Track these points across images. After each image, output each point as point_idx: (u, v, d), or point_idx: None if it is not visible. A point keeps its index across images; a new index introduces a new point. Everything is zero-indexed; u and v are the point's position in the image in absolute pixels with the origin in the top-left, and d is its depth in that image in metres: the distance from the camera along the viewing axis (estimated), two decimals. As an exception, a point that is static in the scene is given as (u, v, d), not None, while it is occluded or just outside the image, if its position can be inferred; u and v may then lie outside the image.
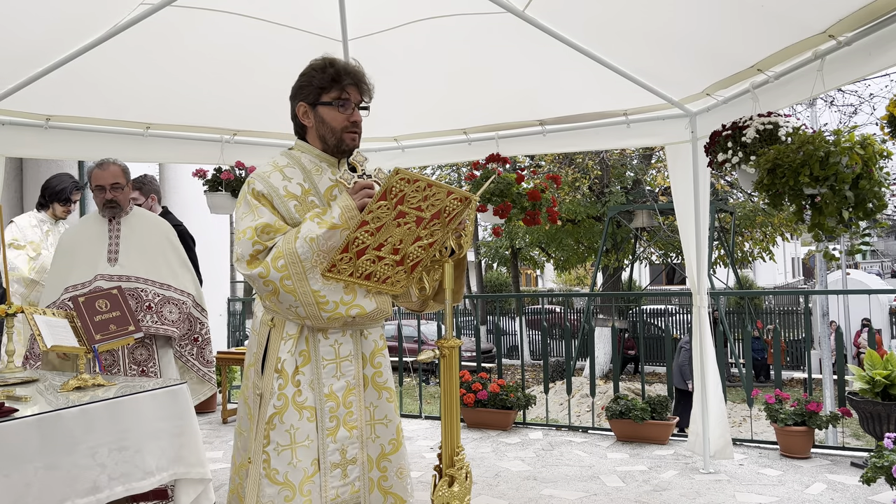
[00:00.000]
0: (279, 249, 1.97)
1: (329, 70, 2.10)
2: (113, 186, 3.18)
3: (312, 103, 2.13)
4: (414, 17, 3.58)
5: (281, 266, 1.95)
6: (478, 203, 2.54)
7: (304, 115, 2.15)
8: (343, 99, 2.11)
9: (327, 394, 2.09)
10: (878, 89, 36.97)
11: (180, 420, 3.01)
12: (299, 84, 2.16)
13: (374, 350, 2.21)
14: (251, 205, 2.04)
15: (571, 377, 6.56)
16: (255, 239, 1.98)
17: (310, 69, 2.14)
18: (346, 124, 2.13)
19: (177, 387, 3.07)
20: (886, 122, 2.55)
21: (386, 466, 2.19)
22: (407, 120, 4.65)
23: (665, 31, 3.35)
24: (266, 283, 1.96)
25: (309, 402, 2.07)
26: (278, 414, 2.03)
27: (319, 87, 2.10)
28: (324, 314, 2.00)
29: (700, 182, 4.08)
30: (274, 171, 2.10)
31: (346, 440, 2.12)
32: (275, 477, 2.01)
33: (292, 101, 2.19)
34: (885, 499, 3.62)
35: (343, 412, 2.12)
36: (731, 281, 16.52)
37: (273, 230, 2.00)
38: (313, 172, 2.14)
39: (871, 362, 4.12)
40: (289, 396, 2.04)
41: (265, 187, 2.06)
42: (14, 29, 3.16)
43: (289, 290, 1.96)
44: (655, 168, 15.61)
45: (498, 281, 28.05)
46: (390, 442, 2.20)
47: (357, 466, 2.14)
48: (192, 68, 3.86)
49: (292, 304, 1.98)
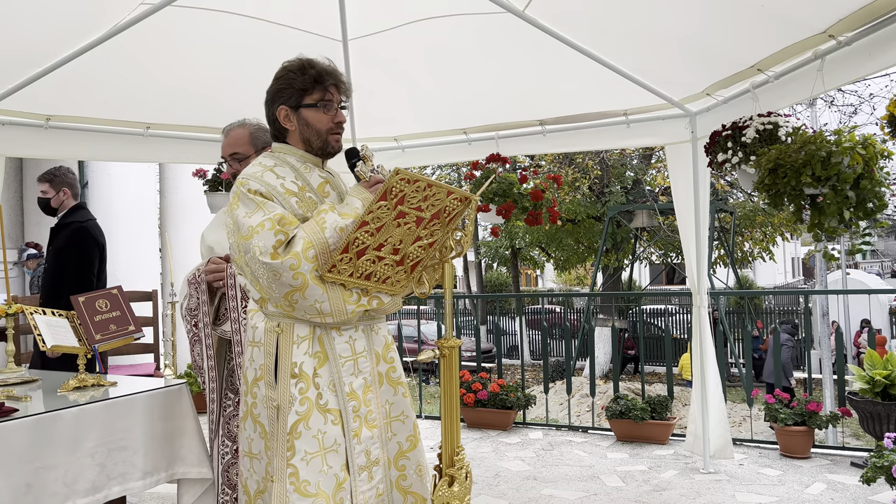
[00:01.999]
0: (308, 240, 1.87)
1: (310, 71, 2.04)
2: (232, 157, 2.65)
3: (294, 106, 2.06)
4: (414, 17, 3.57)
5: (312, 256, 1.86)
6: (478, 203, 2.54)
7: (286, 118, 2.08)
8: (326, 100, 2.06)
9: (349, 393, 2.00)
10: (878, 89, 36.96)
11: (180, 420, 3.01)
12: (277, 87, 2.08)
13: (386, 345, 2.15)
14: (255, 202, 1.94)
15: (571, 377, 6.56)
16: (276, 228, 1.88)
17: (286, 72, 2.07)
18: (332, 125, 2.08)
19: (177, 387, 3.07)
20: (886, 122, 2.55)
21: (404, 465, 2.11)
22: (407, 120, 4.65)
23: (665, 31, 3.35)
24: (296, 276, 1.86)
25: (331, 404, 1.97)
26: (303, 420, 1.92)
27: (301, 88, 2.04)
28: (348, 307, 1.93)
29: (700, 182, 4.08)
30: (265, 171, 2.02)
31: (368, 440, 2.03)
32: (307, 489, 1.88)
33: (270, 105, 2.11)
34: (885, 499, 3.62)
35: (364, 411, 2.03)
36: (731, 281, 16.52)
37: (288, 222, 1.91)
38: (303, 170, 2.08)
39: (871, 362, 4.12)
40: (312, 400, 1.94)
41: (262, 186, 1.97)
42: (14, 29, 3.15)
43: (318, 283, 1.88)
44: (655, 168, 15.60)
45: (498, 281, 28.06)
46: (408, 439, 2.13)
47: (380, 468, 2.06)
48: (192, 68, 3.86)
49: (318, 297, 1.89)
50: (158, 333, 5.67)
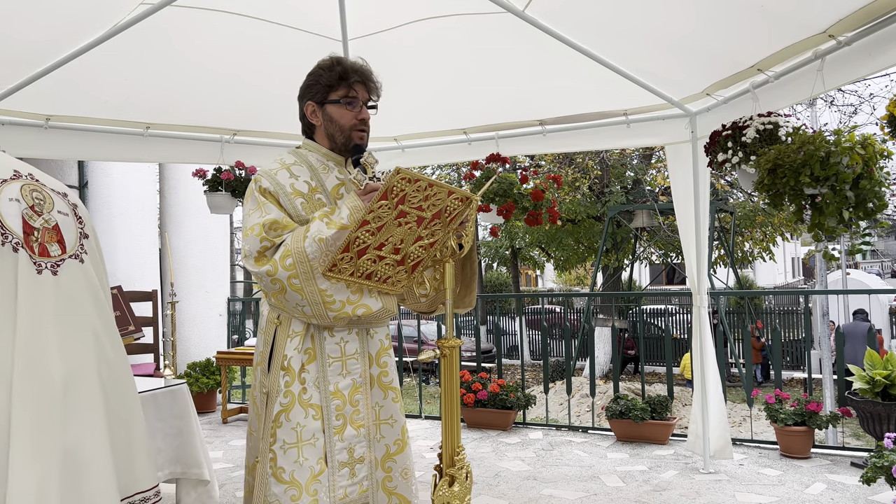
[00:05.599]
0: (287, 248, 1.95)
1: (336, 68, 2.11)
2: None
3: (320, 102, 2.13)
4: (414, 17, 3.57)
5: (289, 265, 1.93)
6: (479, 203, 2.54)
7: (313, 114, 2.15)
8: (351, 97, 2.11)
9: (333, 392, 2.08)
10: (878, 89, 36.97)
11: (178, 420, 3.01)
12: (307, 83, 2.16)
13: (380, 350, 2.20)
14: (258, 201, 2.02)
15: (571, 377, 6.56)
16: (262, 235, 1.97)
17: (317, 68, 2.15)
18: (355, 122, 2.13)
19: (177, 387, 3.07)
20: (886, 122, 2.55)
21: (391, 467, 2.17)
22: (407, 120, 4.65)
23: (665, 31, 3.35)
24: (273, 282, 1.95)
25: (314, 399, 2.05)
26: (285, 411, 2.01)
27: (327, 85, 2.11)
28: (330, 313, 1.99)
29: (700, 182, 4.08)
30: (281, 169, 2.09)
31: (353, 438, 2.10)
32: (281, 476, 2.00)
33: (300, 101, 2.19)
34: (885, 499, 3.62)
35: (350, 410, 2.10)
36: (731, 281, 16.52)
37: (281, 227, 1.99)
38: (320, 171, 2.14)
39: (871, 362, 4.12)
40: (295, 394, 2.03)
41: (272, 184, 2.05)
42: (14, 29, 3.15)
43: (296, 289, 1.95)
44: (655, 168, 15.60)
45: (498, 281, 28.07)
46: (395, 442, 2.19)
47: (365, 465, 2.13)
48: (192, 68, 3.86)
49: (299, 302, 1.97)
50: (158, 333, 5.68)
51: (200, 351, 7.25)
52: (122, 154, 4.46)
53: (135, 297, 5.32)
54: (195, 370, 6.41)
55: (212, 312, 7.59)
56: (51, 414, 1.38)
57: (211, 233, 7.59)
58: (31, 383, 1.37)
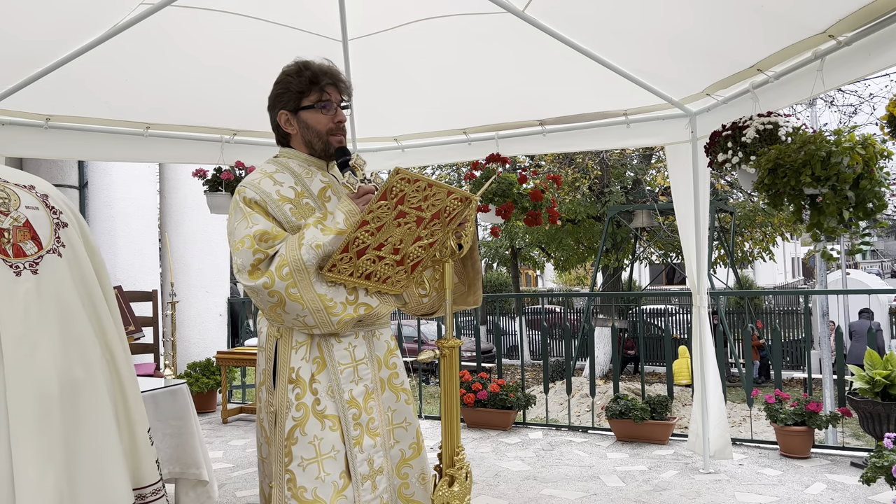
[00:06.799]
0: (283, 257, 1.86)
1: (306, 73, 2.04)
2: None
3: (294, 109, 2.06)
4: (414, 17, 3.57)
5: (286, 274, 1.85)
6: (478, 203, 2.54)
7: (287, 122, 2.08)
8: (324, 100, 2.05)
9: (349, 400, 1.97)
10: (878, 89, 36.96)
11: (177, 420, 3.01)
12: (276, 92, 2.09)
13: (388, 351, 2.13)
14: (244, 212, 1.93)
15: (571, 377, 6.56)
16: (255, 247, 1.87)
17: (284, 75, 2.08)
18: (332, 126, 2.06)
19: (176, 387, 3.07)
20: (886, 122, 2.55)
21: (407, 473, 2.09)
22: (407, 120, 4.65)
23: (665, 31, 3.35)
24: (271, 294, 1.86)
25: (329, 410, 1.95)
26: (299, 426, 1.91)
27: (298, 91, 2.04)
28: (333, 318, 1.91)
29: (700, 182, 4.08)
30: (264, 178, 2.02)
31: (371, 449, 2.00)
32: (303, 496, 1.86)
33: (271, 111, 2.12)
34: (885, 499, 3.62)
35: (366, 419, 2.00)
36: (731, 281, 16.52)
37: (271, 237, 1.90)
38: (304, 175, 2.07)
39: (871, 362, 4.12)
40: (308, 405, 1.93)
41: (257, 193, 1.96)
42: (14, 29, 3.16)
43: (295, 299, 1.86)
44: (655, 168, 15.60)
45: (498, 281, 28.05)
46: (411, 446, 2.11)
47: (384, 476, 2.03)
48: (192, 68, 3.86)
49: (300, 313, 1.88)
50: (158, 333, 5.68)
51: (200, 351, 7.25)
52: (122, 154, 4.46)
53: (135, 297, 5.32)
54: (195, 370, 6.41)
55: (212, 312, 7.60)
56: (51, 416, 1.36)
57: (211, 233, 7.59)
58: (27, 389, 1.33)
